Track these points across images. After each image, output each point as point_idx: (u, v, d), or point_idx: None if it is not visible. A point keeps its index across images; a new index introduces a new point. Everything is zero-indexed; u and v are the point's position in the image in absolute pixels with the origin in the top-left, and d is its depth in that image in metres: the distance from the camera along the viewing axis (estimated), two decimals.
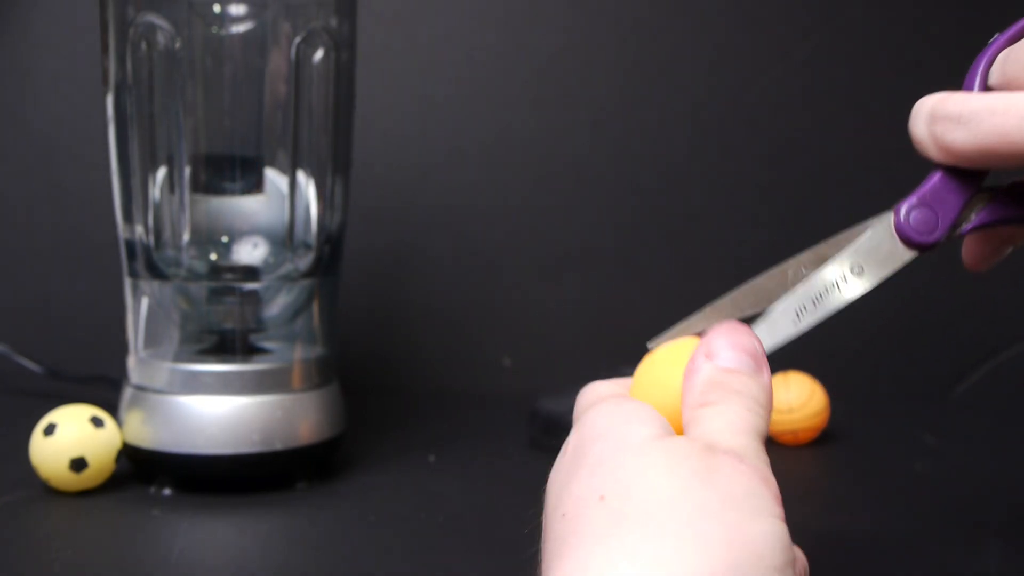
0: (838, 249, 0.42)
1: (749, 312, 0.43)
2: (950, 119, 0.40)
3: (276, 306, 0.69)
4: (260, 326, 0.69)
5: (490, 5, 0.96)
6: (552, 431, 0.74)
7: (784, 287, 0.42)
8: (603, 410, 0.39)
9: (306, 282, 0.69)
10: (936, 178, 0.41)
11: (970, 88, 0.41)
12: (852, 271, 0.42)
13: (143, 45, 0.65)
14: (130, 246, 0.68)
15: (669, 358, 0.41)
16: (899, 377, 0.93)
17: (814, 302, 0.41)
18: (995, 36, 0.41)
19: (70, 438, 0.62)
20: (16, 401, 0.85)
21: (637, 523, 0.33)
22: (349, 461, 0.71)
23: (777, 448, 0.76)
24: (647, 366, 0.41)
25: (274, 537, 0.59)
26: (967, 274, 0.46)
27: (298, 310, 0.70)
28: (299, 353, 0.69)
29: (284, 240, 0.68)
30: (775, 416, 0.75)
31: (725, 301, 0.43)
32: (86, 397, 0.71)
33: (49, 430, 0.62)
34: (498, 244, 0.95)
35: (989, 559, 0.56)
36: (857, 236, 0.42)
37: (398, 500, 0.64)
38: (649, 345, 0.42)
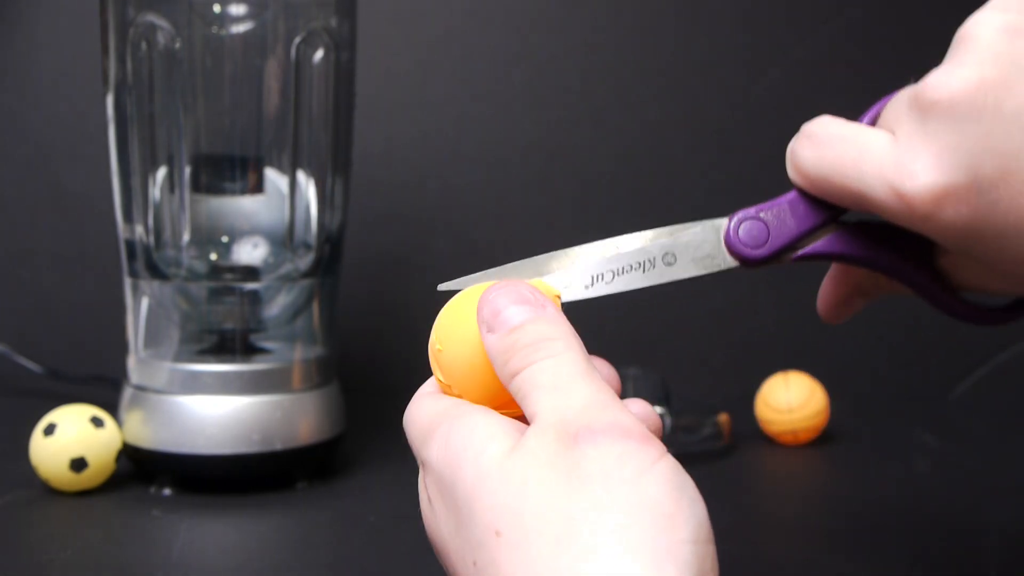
0: (659, 235, 0.42)
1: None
2: (808, 136, 0.39)
3: (276, 306, 0.69)
4: (260, 326, 0.69)
5: (490, 5, 0.96)
6: None
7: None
8: (441, 439, 0.36)
9: (306, 282, 0.69)
10: (787, 197, 0.41)
11: (861, 120, 0.40)
12: (663, 259, 0.42)
13: (143, 45, 0.65)
14: (130, 246, 0.68)
15: (467, 309, 0.39)
16: (899, 377, 0.93)
17: (613, 274, 0.42)
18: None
19: (70, 438, 0.62)
20: (16, 401, 0.85)
21: (545, 552, 0.31)
22: (349, 461, 0.71)
23: (777, 448, 0.76)
24: (447, 320, 0.40)
25: (274, 537, 0.59)
26: None
27: (298, 310, 0.70)
28: (299, 353, 0.69)
29: (284, 240, 0.68)
30: (775, 416, 0.75)
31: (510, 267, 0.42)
32: (86, 397, 0.71)
33: (49, 430, 0.62)
34: (498, 244, 0.95)
35: (989, 560, 0.56)
36: (685, 229, 0.42)
37: (398, 500, 0.64)
38: (440, 288, 0.41)
